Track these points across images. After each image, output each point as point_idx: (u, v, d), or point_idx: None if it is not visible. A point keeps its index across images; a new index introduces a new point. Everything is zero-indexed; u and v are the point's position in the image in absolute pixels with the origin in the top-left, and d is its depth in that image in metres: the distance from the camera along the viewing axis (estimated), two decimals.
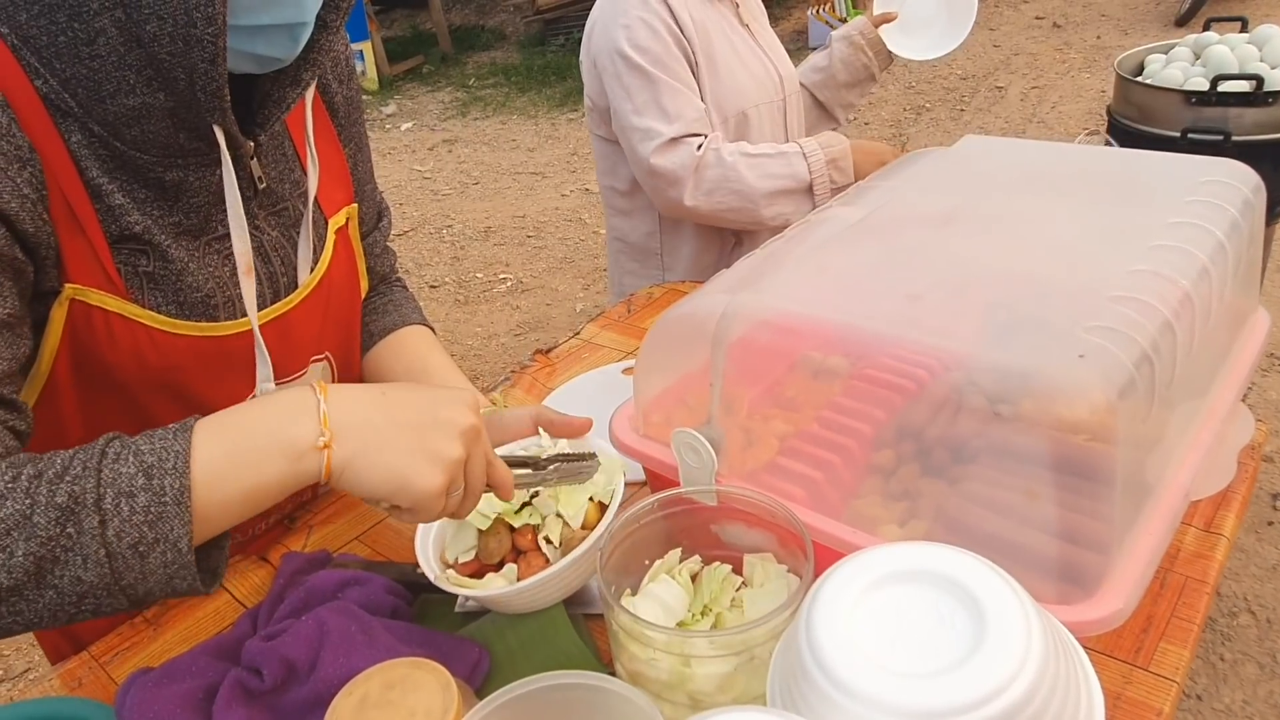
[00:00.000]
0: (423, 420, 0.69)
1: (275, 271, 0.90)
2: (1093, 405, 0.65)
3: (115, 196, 0.77)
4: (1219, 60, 1.89)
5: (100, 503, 0.60)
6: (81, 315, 0.77)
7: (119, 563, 0.60)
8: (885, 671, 0.56)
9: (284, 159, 0.92)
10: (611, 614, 0.74)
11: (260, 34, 0.74)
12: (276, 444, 0.65)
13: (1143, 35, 6.08)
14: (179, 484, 0.61)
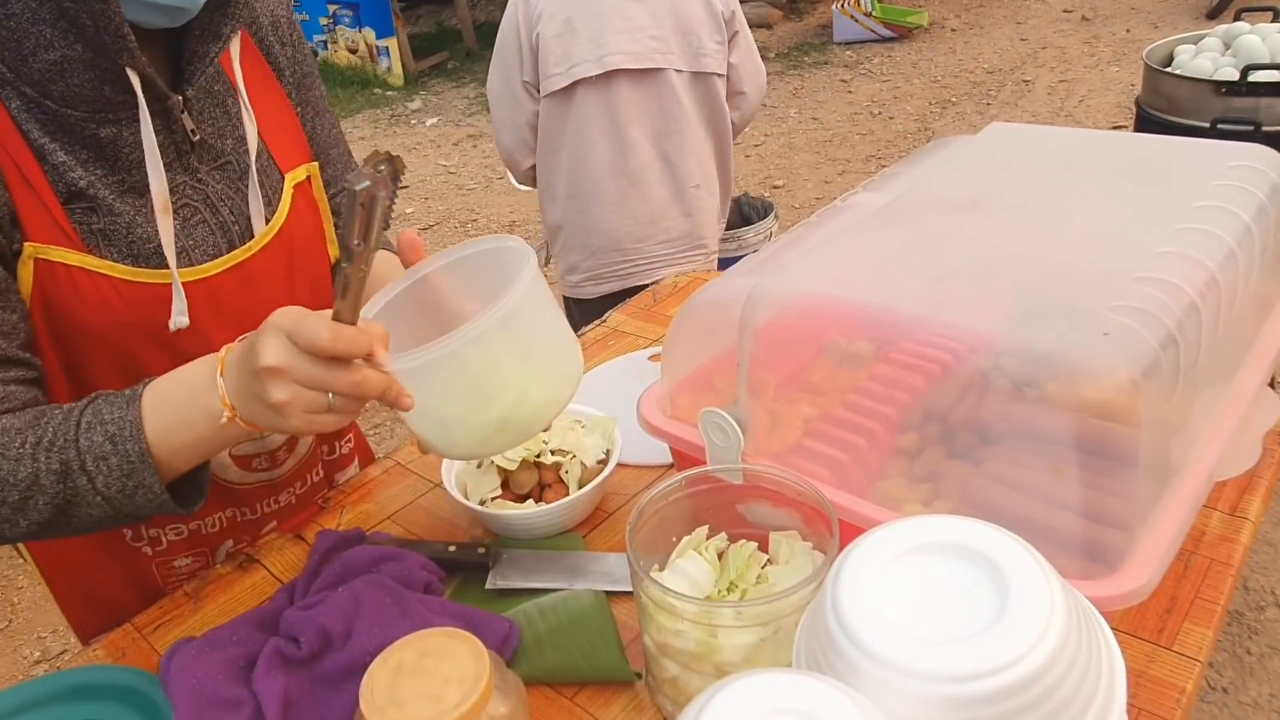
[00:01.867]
0: (250, 380, 0.74)
1: (225, 221, 0.93)
2: (1117, 384, 0.65)
3: (58, 154, 0.82)
4: (1250, 50, 1.88)
5: (84, 466, 0.77)
6: (47, 273, 0.82)
7: (115, 503, 0.78)
8: (909, 638, 0.57)
9: (225, 115, 0.94)
10: (641, 586, 0.76)
11: (150, 6, 0.79)
12: (200, 413, 0.78)
13: (1173, 28, 6.01)
14: (139, 447, 0.77)
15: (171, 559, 1.07)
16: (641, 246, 2.10)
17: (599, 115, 1.97)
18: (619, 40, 1.90)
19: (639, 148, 2.00)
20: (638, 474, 1.12)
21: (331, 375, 0.72)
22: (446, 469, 1.06)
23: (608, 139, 1.99)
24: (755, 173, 4.77)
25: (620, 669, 0.85)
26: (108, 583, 1.06)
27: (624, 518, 1.06)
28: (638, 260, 2.11)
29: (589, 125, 1.98)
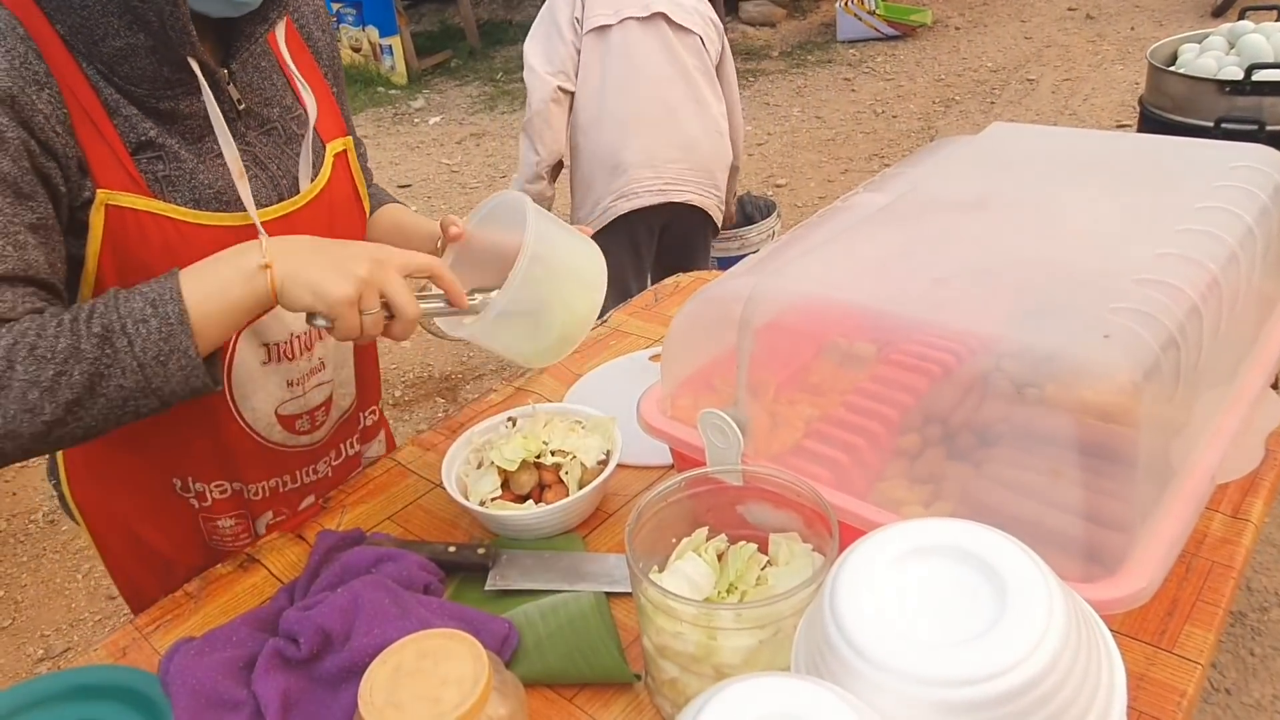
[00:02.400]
0: (338, 251, 0.86)
1: (274, 175, 1.01)
2: (1118, 385, 0.65)
3: (128, 108, 0.89)
4: (1254, 49, 1.87)
5: (125, 328, 0.80)
6: (116, 218, 0.89)
7: (148, 370, 0.81)
8: (907, 641, 0.57)
9: (271, 87, 1.03)
10: (640, 588, 0.76)
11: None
12: (234, 271, 0.84)
13: (1178, 26, 6.00)
14: (177, 309, 0.82)
15: (216, 518, 1.12)
16: (673, 167, 2.38)
17: (642, 49, 2.31)
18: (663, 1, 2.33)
19: (675, 84, 2.35)
20: (638, 475, 1.12)
21: (405, 295, 0.86)
22: (447, 470, 1.06)
23: (649, 70, 2.32)
24: (758, 171, 4.76)
25: (620, 670, 0.84)
26: (156, 536, 1.12)
27: (624, 518, 1.06)
28: (668, 178, 2.38)
29: (632, 57, 2.31)
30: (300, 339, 1.06)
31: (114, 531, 1.14)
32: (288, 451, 1.12)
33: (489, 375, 3.40)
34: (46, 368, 0.78)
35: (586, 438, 1.07)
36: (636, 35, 2.31)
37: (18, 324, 0.80)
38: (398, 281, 0.86)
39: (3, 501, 2.96)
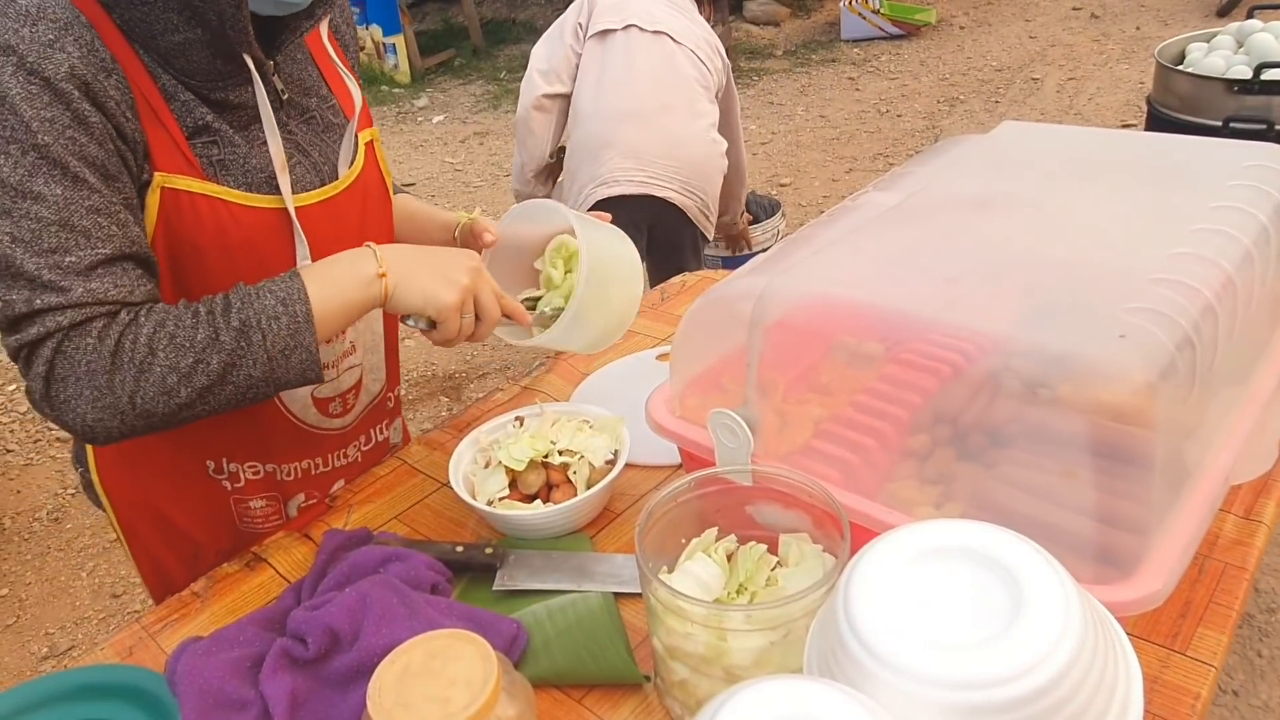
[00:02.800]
0: (441, 260, 0.97)
1: (316, 161, 1.04)
2: (1133, 386, 0.65)
3: (185, 94, 0.92)
4: (1263, 48, 1.86)
5: (260, 323, 0.88)
6: (171, 201, 0.92)
7: (275, 362, 0.89)
8: (922, 644, 0.57)
9: (309, 77, 1.06)
10: (650, 588, 0.75)
11: None
12: (352, 277, 0.93)
13: (1183, 25, 5.98)
14: (305, 309, 0.90)
15: (248, 498, 1.14)
16: (658, 162, 2.36)
17: (643, 53, 2.33)
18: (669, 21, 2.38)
19: (673, 87, 2.36)
20: (646, 474, 1.11)
21: (492, 303, 0.99)
22: (454, 469, 1.06)
23: (647, 70, 2.34)
24: (763, 170, 4.75)
25: (629, 671, 0.84)
26: (186, 519, 1.14)
27: (632, 518, 1.05)
28: (651, 172, 2.35)
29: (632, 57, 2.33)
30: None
31: (142, 517, 1.15)
32: (320, 433, 1.14)
33: (493, 374, 3.39)
34: (186, 355, 0.86)
35: (594, 437, 1.07)
36: (639, 40, 2.33)
37: (153, 311, 0.87)
38: (489, 291, 0.98)
39: (7, 499, 2.96)
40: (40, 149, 0.82)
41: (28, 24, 0.81)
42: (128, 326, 0.85)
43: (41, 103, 0.81)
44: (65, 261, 0.83)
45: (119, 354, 0.84)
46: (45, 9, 0.83)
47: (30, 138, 0.81)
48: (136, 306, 0.87)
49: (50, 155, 0.82)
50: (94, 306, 0.85)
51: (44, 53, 0.81)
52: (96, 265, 0.85)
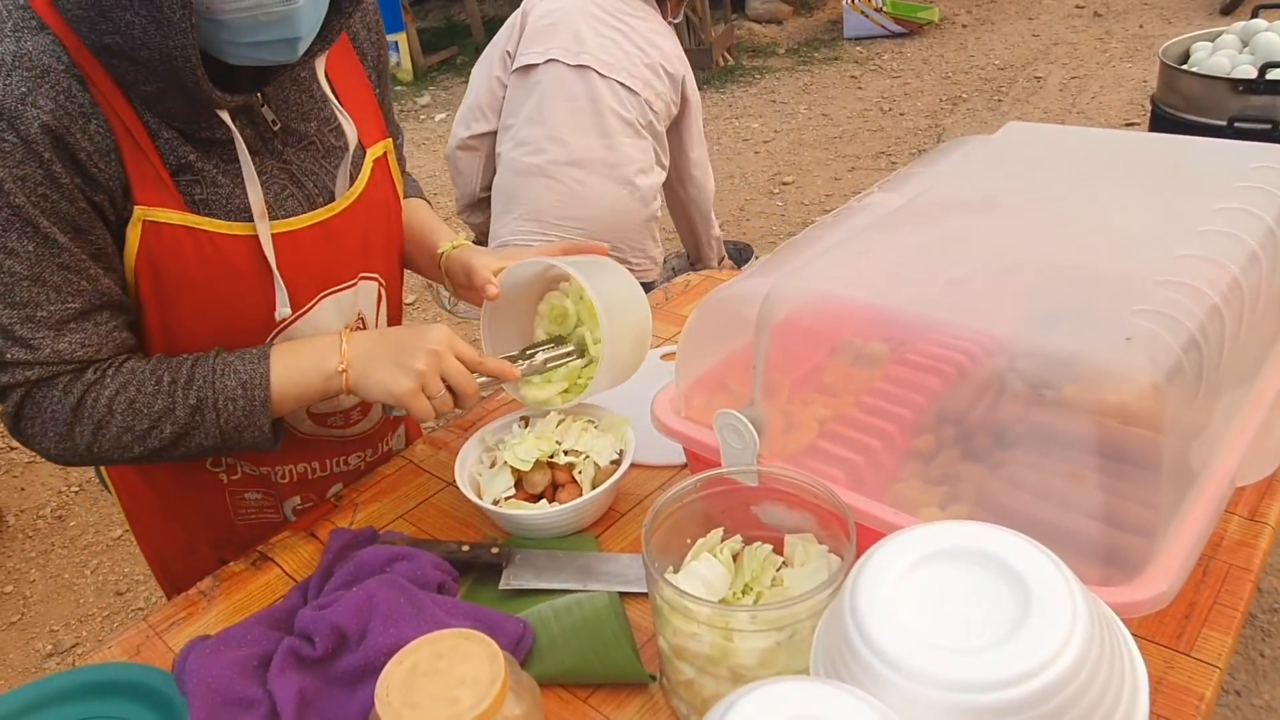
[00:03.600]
0: (399, 348, 0.97)
1: (310, 193, 1.02)
2: (1139, 389, 0.65)
3: (169, 131, 0.91)
4: (1268, 47, 1.86)
5: (216, 404, 0.93)
6: (152, 233, 0.91)
7: (227, 437, 0.95)
8: (930, 646, 0.57)
9: (309, 100, 1.02)
10: (656, 588, 0.75)
11: (262, 47, 0.87)
12: (316, 371, 0.97)
13: (1187, 24, 5.97)
14: (263, 395, 0.95)
15: (243, 490, 1.15)
16: (563, 225, 2.21)
17: (559, 95, 2.17)
18: (598, 50, 2.18)
19: (586, 135, 2.19)
20: (651, 474, 1.12)
21: (465, 375, 0.98)
22: (459, 469, 1.06)
23: (560, 118, 2.18)
24: (765, 169, 4.75)
25: (635, 670, 0.84)
26: (183, 509, 1.16)
27: (637, 518, 1.06)
28: (551, 235, 2.21)
29: (547, 101, 2.17)
30: None
31: (145, 505, 1.18)
32: (318, 439, 1.15)
33: None
34: (141, 420, 0.92)
35: (600, 437, 1.07)
36: (557, 78, 2.17)
37: (120, 371, 0.92)
38: (454, 365, 0.97)
39: (11, 497, 2.96)
40: (13, 208, 0.83)
41: (1, 76, 0.81)
42: (92, 385, 0.91)
43: (14, 161, 0.82)
44: (37, 315, 0.87)
45: (80, 409, 0.91)
46: (23, 58, 0.82)
47: (3, 197, 0.83)
48: (104, 363, 0.92)
49: (22, 214, 0.84)
50: (60, 365, 0.90)
51: (17, 108, 0.81)
52: (67, 319, 0.89)
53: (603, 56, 2.18)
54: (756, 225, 4.20)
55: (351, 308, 1.08)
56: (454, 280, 1.17)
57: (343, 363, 0.96)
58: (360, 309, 1.10)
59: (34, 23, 0.83)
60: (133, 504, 1.19)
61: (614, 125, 2.18)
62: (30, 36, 0.83)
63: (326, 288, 1.04)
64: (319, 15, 0.89)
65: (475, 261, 1.11)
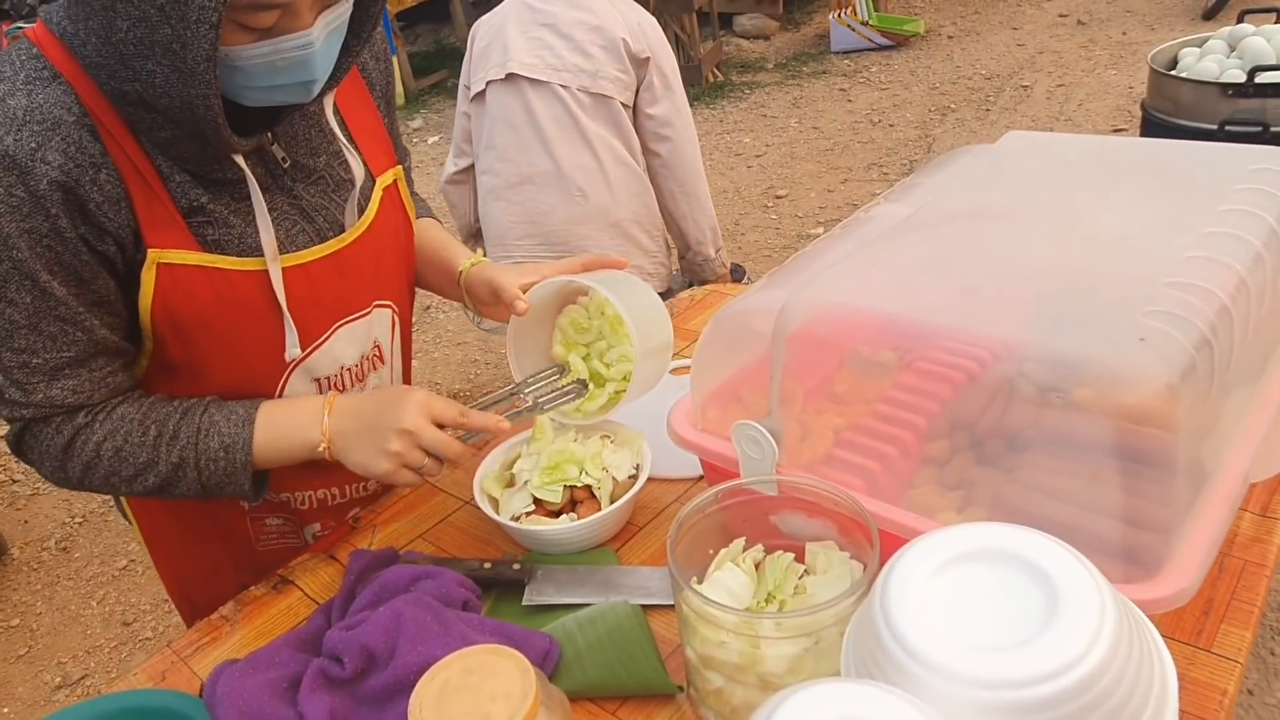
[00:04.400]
0: (373, 428, 0.97)
1: (321, 227, 1.03)
2: (1155, 388, 0.66)
3: (181, 174, 0.92)
4: (1255, 51, 1.89)
5: (197, 464, 0.97)
6: (167, 275, 0.92)
7: (209, 491, 0.98)
8: (962, 644, 0.58)
9: (319, 134, 1.03)
10: (682, 597, 0.76)
11: (278, 90, 0.88)
12: (301, 442, 0.99)
13: (1169, 30, 6.04)
14: (245, 458, 0.97)
15: (265, 517, 1.16)
16: (524, 244, 2.20)
17: (501, 115, 2.15)
18: (522, 54, 2.11)
19: (529, 150, 2.14)
20: (666, 487, 1.13)
21: (447, 442, 0.97)
22: (477, 486, 1.07)
23: (505, 137, 2.16)
24: (758, 182, 4.79)
25: (662, 681, 0.85)
26: (205, 535, 1.16)
27: (655, 531, 1.06)
28: (518, 257, 2.20)
29: (494, 124, 2.16)
30: (351, 371, 1.09)
31: (166, 531, 1.18)
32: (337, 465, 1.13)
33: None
34: (126, 468, 0.96)
35: (616, 452, 1.08)
36: (497, 99, 2.15)
37: (110, 417, 0.95)
38: (431, 435, 0.97)
39: (15, 530, 2.96)
40: (16, 261, 0.85)
41: (13, 130, 0.82)
42: (82, 429, 0.95)
43: (21, 214, 0.84)
44: (32, 362, 0.90)
45: (70, 448, 0.95)
46: (34, 111, 0.83)
47: (7, 250, 0.85)
48: (96, 407, 0.95)
49: (24, 268, 0.86)
50: (51, 409, 0.93)
51: (28, 163, 0.82)
52: (61, 367, 0.91)
53: (527, 60, 2.11)
54: (752, 239, 4.22)
55: (366, 336, 1.09)
56: (476, 297, 1.17)
57: (324, 440, 0.98)
58: (375, 336, 1.11)
59: (46, 73, 0.85)
60: (153, 530, 1.19)
61: (551, 134, 2.12)
62: (42, 89, 0.84)
63: (341, 318, 1.05)
64: (333, 57, 0.91)
65: (501, 279, 1.12)
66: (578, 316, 1.16)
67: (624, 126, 2.16)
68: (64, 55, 0.85)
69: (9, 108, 0.83)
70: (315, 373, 1.05)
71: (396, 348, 1.16)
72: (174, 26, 0.76)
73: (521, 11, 2.14)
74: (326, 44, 0.88)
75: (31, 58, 0.85)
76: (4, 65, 0.85)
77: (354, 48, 0.95)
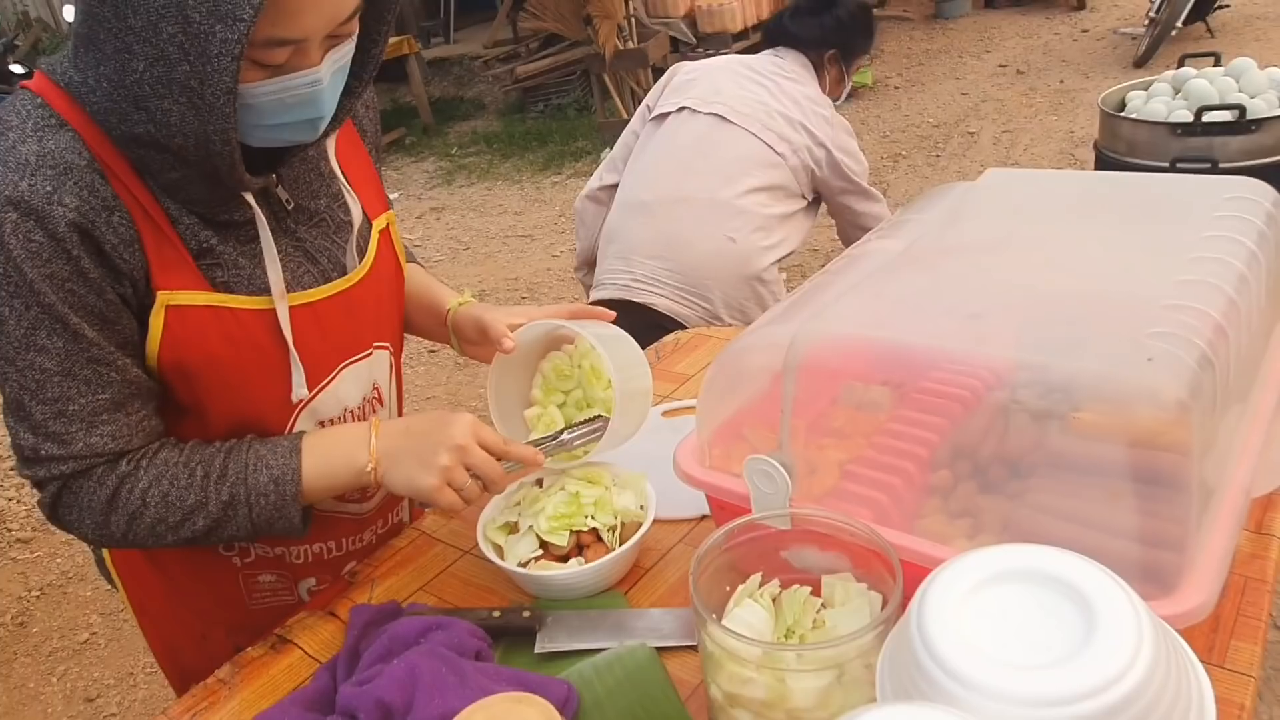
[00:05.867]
0: (423, 444, 0.97)
1: (325, 268, 1.03)
2: (1168, 407, 0.68)
3: (189, 217, 0.92)
4: (1200, 93, 1.98)
5: (249, 500, 0.95)
6: (176, 317, 0.92)
7: (259, 529, 0.97)
8: (1001, 664, 0.58)
9: (319, 178, 1.04)
10: (705, 633, 0.76)
11: (285, 128, 0.89)
12: (347, 466, 0.98)
13: (1104, 77, 6.30)
14: (294, 490, 0.96)
15: (258, 573, 1.14)
16: (649, 264, 2.09)
17: (683, 137, 2.11)
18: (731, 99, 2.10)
19: (702, 177, 2.07)
20: (669, 528, 1.12)
21: (492, 464, 0.97)
22: (481, 534, 1.05)
23: (678, 157, 2.11)
24: None
25: None
26: (196, 596, 1.13)
27: (661, 572, 1.06)
28: (638, 274, 2.09)
29: (669, 142, 2.13)
30: (354, 413, 1.08)
31: (153, 594, 1.14)
32: (335, 518, 1.13)
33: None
34: (175, 513, 0.94)
35: (621, 494, 1.07)
36: (684, 124, 2.12)
37: (153, 463, 0.94)
38: (479, 455, 0.97)
39: None
40: (43, 306, 0.85)
41: (27, 175, 0.82)
42: (126, 477, 0.93)
43: (42, 259, 0.83)
44: (69, 410, 0.89)
45: (115, 499, 0.93)
46: (46, 156, 0.83)
47: (34, 295, 0.84)
48: (137, 453, 0.94)
49: (52, 312, 0.85)
50: (93, 458, 0.91)
51: (44, 207, 0.82)
52: (99, 412, 0.90)
53: (738, 106, 2.08)
54: None
55: (368, 377, 1.09)
56: (463, 336, 1.18)
57: (371, 460, 0.97)
58: (375, 378, 1.10)
59: (53, 121, 0.85)
60: (141, 594, 1.16)
61: (736, 171, 2.05)
62: (51, 135, 0.84)
63: (346, 358, 1.05)
64: (337, 96, 0.92)
65: (488, 317, 1.12)
66: (560, 363, 1.15)
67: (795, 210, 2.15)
68: (68, 104, 0.86)
69: (21, 154, 0.83)
70: (320, 414, 1.04)
71: (393, 390, 1.16)
72: (193, 63, 0.77)
73: (735, 66, 2.17)
74: (333, 82, 0.89)
75: (37, 106, 0.85)
76: (10, 114, 0.85)
77: (355, 89, 0.97)
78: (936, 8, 8.61)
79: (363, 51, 0.95)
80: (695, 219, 2.05)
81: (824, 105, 2.15)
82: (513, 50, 7.98)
